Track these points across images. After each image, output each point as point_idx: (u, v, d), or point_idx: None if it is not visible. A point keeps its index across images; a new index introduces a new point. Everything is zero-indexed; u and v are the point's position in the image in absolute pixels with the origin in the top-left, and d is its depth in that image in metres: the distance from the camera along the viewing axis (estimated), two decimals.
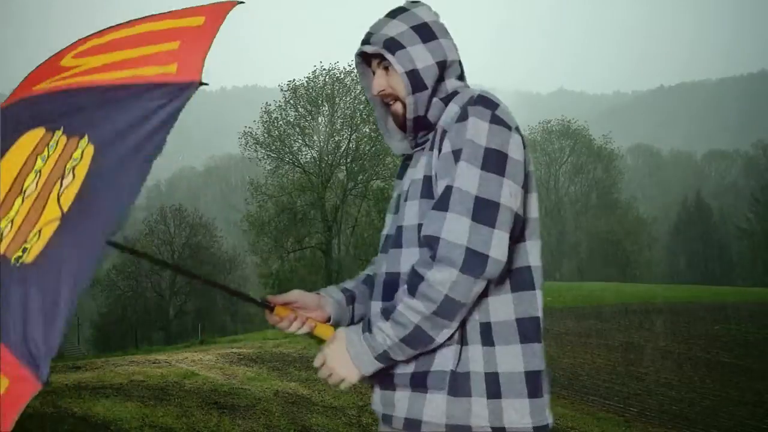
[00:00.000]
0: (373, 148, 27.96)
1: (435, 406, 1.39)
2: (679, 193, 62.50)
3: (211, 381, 5.73)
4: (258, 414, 4.82)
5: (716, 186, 76.58)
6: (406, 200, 1.50)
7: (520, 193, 1.39)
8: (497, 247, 1.32)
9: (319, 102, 29.07)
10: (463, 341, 1.40)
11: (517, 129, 1.44)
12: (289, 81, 29.45)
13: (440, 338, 1.36)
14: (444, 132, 1.44)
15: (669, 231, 55.94)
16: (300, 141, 29.72)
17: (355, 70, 1.28)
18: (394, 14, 1.55)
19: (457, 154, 1.38)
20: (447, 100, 1.51)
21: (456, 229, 1.32)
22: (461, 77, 1.57)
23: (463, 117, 1.41)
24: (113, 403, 4.50)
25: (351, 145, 28.74)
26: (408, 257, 1.46)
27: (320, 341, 1.54)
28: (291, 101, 29.13)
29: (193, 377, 5.80)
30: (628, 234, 50.67)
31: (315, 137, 29.27)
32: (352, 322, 1.64)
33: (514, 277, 1.44)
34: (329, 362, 1.43)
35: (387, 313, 1.39)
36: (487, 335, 1.40)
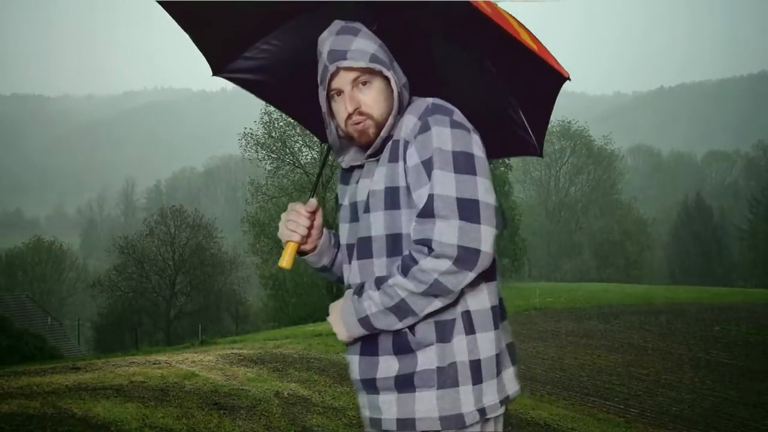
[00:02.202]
0: None
1: (426, 401, 1.45)
2: (679, 194, 62.49)
3: (212, 382, 5.73)
4: (258, 415, 4.82)
5: (716, 187, 76.70)
6: (367, 211, 1.53)
7: (491, 187, 1.46)
8: (486, 241, 1.39)
9: None
10: (446, 337, 1.47)
11: (474, 130, 1.51)
12: None
13: (422, 314, 1.44)
14: (406, 143, 1.49)
15: (669, 232, 55.91)
16: (300, 142, 29.68)
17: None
18: (352, 31, 1.52)
19: (427, 164, 1.44)
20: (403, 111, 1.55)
21: (446, 230, 1.38)
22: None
23: (425, 128, 1.46)
24: (113, 404, 4.50)
25: None
26: (380, 267, 1.51)
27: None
28: None
29: (193, 378, 5.80)
30: (628, 235, 50.70)
31: (315, 138, 29.20)
32: (333, 263, 1.76)
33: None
34: (330, 314, 1.55)
35: (378, 284, 1.47)
36: (469, 324, 1.48)
